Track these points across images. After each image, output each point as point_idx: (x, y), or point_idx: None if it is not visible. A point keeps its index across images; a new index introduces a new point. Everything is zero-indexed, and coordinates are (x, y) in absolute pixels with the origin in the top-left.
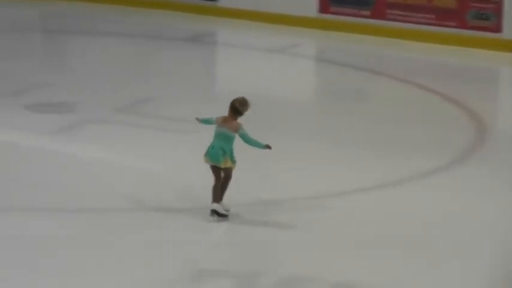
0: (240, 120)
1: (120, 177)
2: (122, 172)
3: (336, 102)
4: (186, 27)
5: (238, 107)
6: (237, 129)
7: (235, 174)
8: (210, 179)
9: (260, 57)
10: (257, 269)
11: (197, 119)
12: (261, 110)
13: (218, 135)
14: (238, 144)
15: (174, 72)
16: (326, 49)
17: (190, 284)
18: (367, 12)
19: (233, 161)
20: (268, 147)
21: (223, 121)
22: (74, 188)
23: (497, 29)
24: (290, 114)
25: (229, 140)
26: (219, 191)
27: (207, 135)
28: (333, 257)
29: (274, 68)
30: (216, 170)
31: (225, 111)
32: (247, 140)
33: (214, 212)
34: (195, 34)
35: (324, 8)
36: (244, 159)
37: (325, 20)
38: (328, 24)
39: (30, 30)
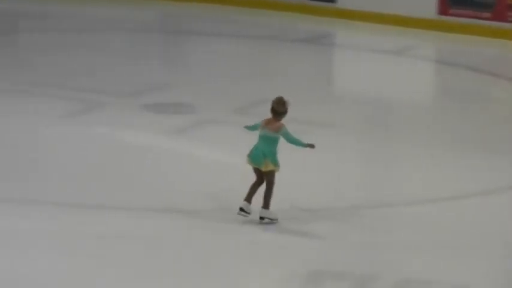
0: (353, 120)
1: (233, 178)
2: (236, 173)
3: (453, 105)
4: (303, 29)
5: (275, 107)
6: (279, 129)
7: (350, 179)
8: (320, 183)
9: (377, 59)
10: (370, 271)
11: (245, 126)
12: (377, 112)
13: (261, 138)
14: (353, 149)
15: (291, 74)
16: (445, 51)
17: (304, 286)
18: (488, 14)
19: (275, 164)
20: (310, 146)
21: (266, 123)
22: (187, 187)
23: None
24: (406, 116)
25: (271, 142)
26: (254, 191)
27: (322, 138)
28: (445, 260)
29: (391, 69)
30: (257, 171)
31: (338, 112)
32: (289, 139)
33: (241, 210)
34: (312, 35)
35: (443, 10)
36: (355, 162)
37: (445, 22)
38: (447, 26)
39: (150, 31)
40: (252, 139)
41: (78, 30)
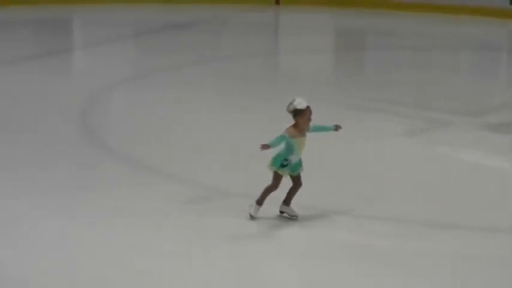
0: None
1: None
2: None
3: None
4: None
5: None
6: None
7: None
8: None
9: None
10: None
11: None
12: None
13: None
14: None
15: None
16: None
17: None
18: None
19: (274, 165)
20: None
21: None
22: None
23: None
24: None
25: (284, 144)
26: (290, 195)
27: None
28: None
29: None
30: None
31: None
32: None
33: (281, 213)
34: None
35: None
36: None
37: None
38: None
39: (496, 50)
40: None
41: (422, 47)
